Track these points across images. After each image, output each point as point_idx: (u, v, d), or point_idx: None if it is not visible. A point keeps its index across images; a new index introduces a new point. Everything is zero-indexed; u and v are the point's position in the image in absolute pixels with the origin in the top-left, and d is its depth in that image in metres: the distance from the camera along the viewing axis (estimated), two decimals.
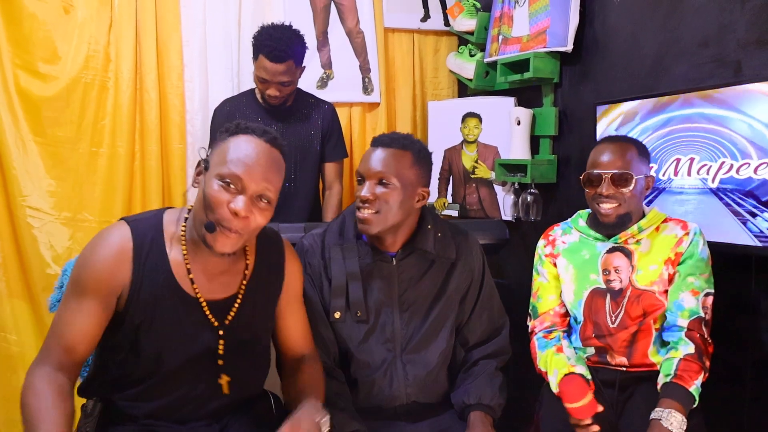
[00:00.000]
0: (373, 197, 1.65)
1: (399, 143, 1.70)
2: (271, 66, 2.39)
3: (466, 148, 3.06)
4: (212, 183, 1.36)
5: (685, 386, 1.62)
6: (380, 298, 1.74)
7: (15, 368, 2.72)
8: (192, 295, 1.43)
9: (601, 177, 1.78)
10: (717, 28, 1.97)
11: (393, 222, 1.68)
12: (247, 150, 1.37)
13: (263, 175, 1.37)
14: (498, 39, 2.89)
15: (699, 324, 1.71)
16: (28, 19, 2.66)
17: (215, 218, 1.35)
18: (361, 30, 3.17)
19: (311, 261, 1.74)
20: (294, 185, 2.64)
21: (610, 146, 1.82)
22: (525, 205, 2.74)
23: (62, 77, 2.72)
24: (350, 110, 3.23)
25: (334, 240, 1.75)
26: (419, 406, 1.79)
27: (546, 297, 1.94)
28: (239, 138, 1.40)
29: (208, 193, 1.35)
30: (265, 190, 1.38)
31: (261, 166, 1.37)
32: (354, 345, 1.73)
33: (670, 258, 1.78)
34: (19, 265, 2.73)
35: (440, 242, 1.77)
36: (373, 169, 1.67)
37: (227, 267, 1.48)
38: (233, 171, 1.34)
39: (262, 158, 1.38)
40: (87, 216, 2.78)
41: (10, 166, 2.67)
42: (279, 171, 1.43)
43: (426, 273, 1.77)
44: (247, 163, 1.36)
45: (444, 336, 1.78)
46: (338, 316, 1.71)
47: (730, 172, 1.86)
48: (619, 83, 2.37)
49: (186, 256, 1.43)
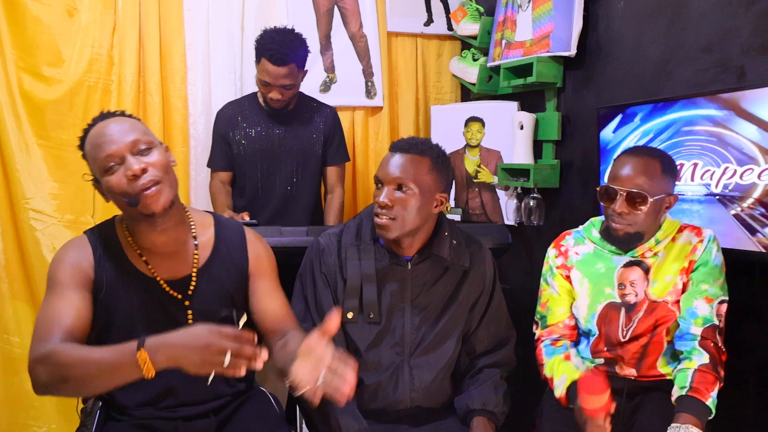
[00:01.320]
0: (391, 203, 1.66)
1: (417, 148, 1.70)
2: (274, 69, 2.39)
3: (469, 153, 3.05)
4: (107, 180, 1.43)
5: (702, 399, 1.58)
6: (393, 301, 1.75)
7: (17, 370, 2.72)
8: (149, 275, 1.53)
9: (616, 193, 1.70)
10: (721, 33, 1.96)
11: (411, 227, 1.69)
12: (97, 135, 1.45)
13: (122, 133, 1.44)
14: (501, 43, 2.88)
15: (713, 332, 1.67)
16: (33, 23, 2.66)
17: (129, 195, 1.42)
18: (364, 34, 3.16)
19: (327, 259, 1.75)
20: (296, 188, 2.65)
21: (632, 160, 1.71)
22: (527, 209, 2.73)
23: (66, 80, 2.72)
24: (353, 114, 3.22)
25: (351, 241, 1.76)
26: (422, 410, 1.79)
27: (556, 310, 1.90)
28: (89, 135, 1.48)
29: (111, 187, 1.43)
30: (135, 142, 1.44)
31: (116, 131, 1.44)
32: (364, 346, 1.74)
33: (684, 267, 1.75)
34: (21, 267, 2.74)
35: (455, 250, 1.78)
36: (392, 175, 1.67)
37: (176, 246, 1.56)
38: (104, 153, 1.42)
39: (112, 125, 1.46)
40: (90, 219, 2.76)
41: (13, 168, 2.67)
42: (134, 126, 1.48)
43: (439, 279, 1.78)
44: (105, 140, 1.43)
45: (452, 342, 1.78)
46: (351, 316, 1.73)
47: (734, 178, 1.85)
48: (622, 88, 2.37)
49: (131, 242, 1.53)
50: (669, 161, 1.75)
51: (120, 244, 1.54)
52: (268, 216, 2.59)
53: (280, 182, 2.63)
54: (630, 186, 1.68)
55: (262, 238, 1.72)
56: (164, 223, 1.49)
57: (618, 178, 1.72)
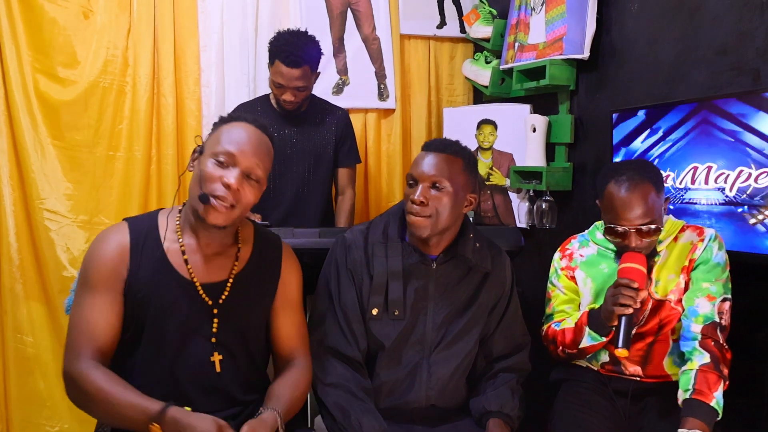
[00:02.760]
0: (426, 200, 1.67)
1: (451, 149, 1.73)
2: (287, 71, 2.40)
3: (482, 155, 3.05)
4: (207, 162, 1.48)
5: (706, 401, 1.57)
6: (417, 299, 1.76)
7: (31, 370, 2.74)
8: (187, 277, 1.53)
9: (626, 232, 1.71)
10: (736, 35, 1.95)
11: (443, 226, 1.71)
12: (239, 132, 1.51)
13: (254, 153, 1.50)
14: (514, 46, 2.88)
15: (714, 329, 1.67)
16: (49, 24, 2.69)
17: (209, 190, 1.45)
18: (377, 36, 3.17)
19: (354, 255, 1.77)
20: (307, 190, 2.65)
21: (631, 198, 1.68)
22: (540, 212, 2.72)
23: (81, 81, 2.75)
24: (365, 116, 3.23)
25: (378, 238, 1.78)
26: (437, 410, 1.81)
27: (563, 309, 1.93)
28: (231, 124, 1.54)
29: (203, 170, 1.47)
30: (255, 167, 1.50)
31: (252, 146, 1.50)
32: (388, 343, 1.75)
33: (685, 266, 1.77)
34: (36, 267, 2.76)
35: (478, 252, 1.80)
36: (427, 173, 1.69)
37: (219, 249, 1.57)
38: (227, 149, 1.47)
39: (253, 139, 1.52)
40: (104, 219, 2.80)
41: (28, 169, 2.70)
42: (268, 153, 1.56)
43: (462, 280, 1.80)
44: (239, 142, 1.49)
45: (470, 343, 1.80)
46: (375, 312, 1.74)
47: (749, 181, 1.84)
48: (635, 91, 2.36)
49: (180, 240, 1.54)
50: (657, 176, 1.75)
51: (160, 238, 1.54)
52: (279, 217, 2.60)
53: (292, 183, 2.63)
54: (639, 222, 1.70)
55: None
56: (215, 230, 1.53)
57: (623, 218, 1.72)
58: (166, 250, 1.53)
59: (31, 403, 2.75)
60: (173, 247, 1.54)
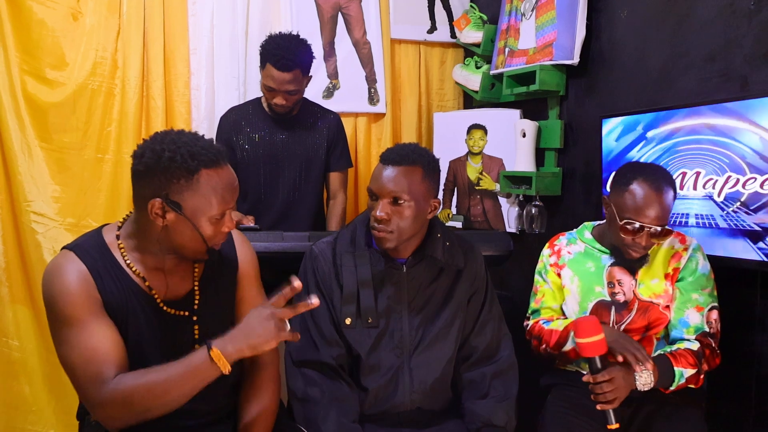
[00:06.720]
0: (387, 216, 1.67)
1: (408, 159, 1.70)
2: (278, 74, 2.39)
3: (471, 160, 3.06)
4: (204, 224, 1.42)
5: (672, 363, 1.67)
6: (390, 304, 1.76)
7: (16, 374, 2.71)
8: (158, 298, 1.50)
9: (643, 229, 1.72)
10: (724, 42, 1.97)
11: (408, 235, 1.71)
12: (222, 184, 1.43)
13: (233, 199, 1.47)
14: (504, 51, 2.89)
15: (706, 338, 1.74)
16: (37, 26, 2.67)
17: (212, 244, 1.47)
18: (368, 41, 3.18)
19: (321, 267, 1.76)
20: (298, 194, 2.65)
21: (657, 198, 1.70)
22: (529, 217, 2.73)
23: (69, 83, 2.73)
24: (356, 120, 3.23)
25: (346, 248, 1.77)
26: (423, 413, 1.80)
27: (550, 305, 1.96)
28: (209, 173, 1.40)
29: (205, 234, 1.43)
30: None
31: (232, 191, 1.46)
32: (364, 351, 1.74)
33: (669, 273, 1.81)
34: (22, 270, 2.73)
35: (449, 251, 1.80)
36: (386, 188, 1.68)
37: (176, 261, 1.52)
38: (222, 210, 1.43)
39: (234, 182, 1.47)
40: (91, 222, 2.77)
41: (15, 171, 2.67)
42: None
43: (435, 280, 1.79)
44: (224, 196, 1.43)
45: (450, 342, 1.79)
46: (349, 322, 1.73)
47: (736, 187, 1.86)
48: (624, 96, 2.37)
49: (130, 259, 1.48)
50: (674, 183, 1.78)
51: (116, 261, 1.46)
52: (271, 221, 2.59)
53: (283, 187, 2.63)
54: (657, 224, 1.72)
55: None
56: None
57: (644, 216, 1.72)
58: (127, 270, 1.47)
59: (16, 407, 2.72)
60: (129, 270, 1.47)
